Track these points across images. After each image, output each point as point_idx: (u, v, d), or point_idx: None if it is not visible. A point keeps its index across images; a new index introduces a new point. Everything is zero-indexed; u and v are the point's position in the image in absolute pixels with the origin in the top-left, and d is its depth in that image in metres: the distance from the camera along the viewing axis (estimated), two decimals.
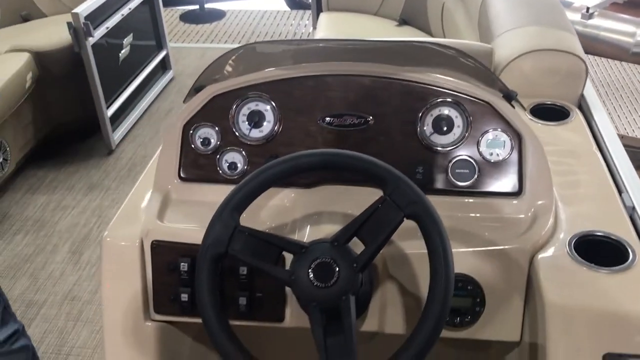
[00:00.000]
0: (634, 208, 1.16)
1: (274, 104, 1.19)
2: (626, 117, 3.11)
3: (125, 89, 3.22)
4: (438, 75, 1.17)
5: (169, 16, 4.83)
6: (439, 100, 1.16)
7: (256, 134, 1.20)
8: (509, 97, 1.19)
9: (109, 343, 1.19)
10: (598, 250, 1.06)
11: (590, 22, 3.92)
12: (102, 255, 1.16)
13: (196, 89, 1.26)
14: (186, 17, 4.83)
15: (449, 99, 1.16)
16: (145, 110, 3.44)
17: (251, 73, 1.21)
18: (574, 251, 1.05)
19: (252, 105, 1.20)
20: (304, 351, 1.30)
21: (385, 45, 1.24)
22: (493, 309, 1.07)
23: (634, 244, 1.06)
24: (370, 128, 1.17)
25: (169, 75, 3.73)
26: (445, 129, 1.16)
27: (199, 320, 1.15)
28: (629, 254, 1.04)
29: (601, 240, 1.07)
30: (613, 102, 3.27)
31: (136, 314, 1.17)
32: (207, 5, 4.96)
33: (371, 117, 1.17)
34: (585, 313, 0.96)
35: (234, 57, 1.28)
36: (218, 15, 4.87)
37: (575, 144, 1.35)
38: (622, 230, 1.09)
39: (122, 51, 3.15)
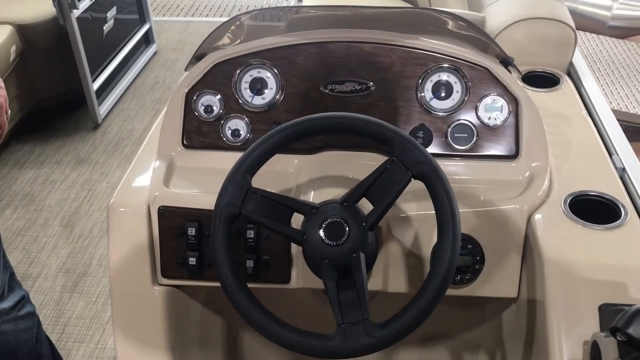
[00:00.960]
0: (624, 169, 1.21)
1: (276, 70, 1.21)
2: (603, 89, 3.18)
3: (109, 62, 3.20)
4: (437, 42, 1.20)
5: None
6: (438, 66, 1.19)
7: (259, 101, 1.22)
8: (506, 62, 1.22)
9: (116, 308, 1.21)
10: (591, 209, 1.11)
11: None
12: (108, 222, 1.18)
13: (197, 57, 1.28)
14: None
15: (448, 65, 1.19)
16: (130, 84, 3.42)
17: (252, 40, 1.22)
18: (569, 210, 1.09)
19: (255, 73, 1.22)
20: (308, 311, 1.34)
21: (385, 12, 1.26)
22: (492, 266, 1.11)
23: (625, 203, 1.11)
24: (372, 94, 1.20)
25: (152, 49, 3.70)
26: (444, 94, 1.19)
27: (207, 284, 1.18)
28: (621, 212, 1.09)
29: (594, 199, 1.12)
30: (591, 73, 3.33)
31: (144, 278, 1.19)
32: None
33: (372, 83, 1.19)
34: (582, 267, 1.00)
35: (234, 25, 1.29)
36: None
37: (566, 109, 1.40)
38: (614, 190, 1.14)
39: (106, 24, 3.11)
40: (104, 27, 3.10)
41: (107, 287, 2.20)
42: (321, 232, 0.94)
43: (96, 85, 3.02)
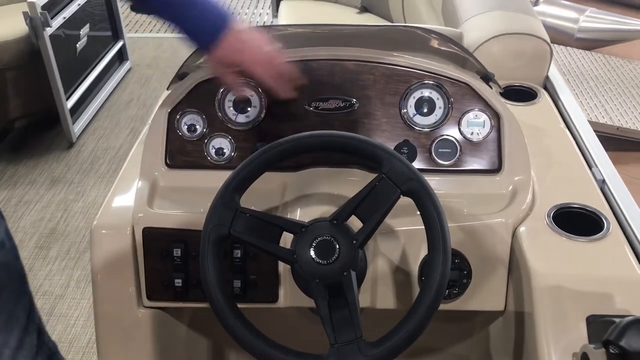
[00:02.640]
0: (604, 181, 1.23)
1: (259, 89, 1.21)
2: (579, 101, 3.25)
3: (83, 80, 3.16)
4: (419, 59, 1.21)
5: (119, 5, 4.73)
6: (420, 82, 1.20)
7: (242, 119, 1.22)
8: (487, 78, 1.24)
9: (101, 332, 1.19)
10: (574, 221, 1.12)
11: (536, 8, 4.05)
12: (91, 245, 1.16)
13: (179, 75, 1.27)
14: None
15: (430, 81, 1.20)
16: (105, 102, 3.38)
17: None
18: (553, 222, 1.11)
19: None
20: (296, 330, 1.33)
21: (366, 30, 1.27)
22: (479, 280, 1.12)
23: (606, 214, 1.13)
24: (356, 111, 1.20)
25: (126, 66, 3.67)
26: (427, 110, 1.20)
27: (193, 305, 1.17)
28: (603, 223, 1.11)
29: (577, 211, 1.14)
30: None
31: (128, 301, 1.17)
32: None
33: (356, 101, 1.20)
34: (568, 279, 1.02)
35: None
36: None
37: (545, 123, 1.42)
38: (595, 202, 1.16)
39: (79, 42, 3.08)
40: (77, 45, 3.07)
41: (85, 310, 2.16)
42: (311, 251, 0.94)
43: (70, 103, 2.98)
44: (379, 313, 1.15)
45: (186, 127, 1.22)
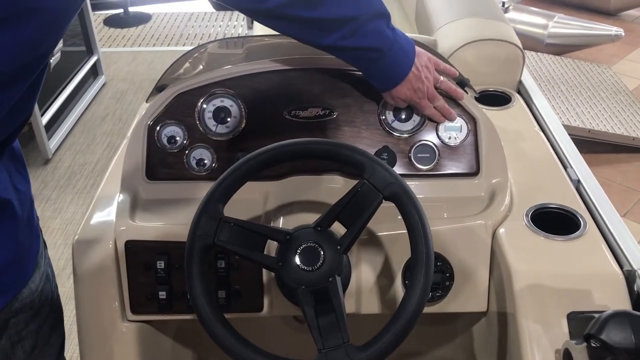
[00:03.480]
0: (579, 181, 1.26)
1: (239, 99, 1.22)
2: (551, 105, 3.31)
3: (58, 96, 3.14)
4: None
5: (95, 20, 4.71)
6: None
7: (223, 129, 1.22)
8: (462, 83, 1.27)
9: (85, 347, 1.19)
10: (552, 221, 1.15)
11: (506, 15, 4.13)
12: (73, 260, 1.15)
13: (158, 88, 1.27)
14: (111, 22, 4.72)
15: None
16: (80, 117, 3.36)
17: (214, 70, 1.23)
18: (531, 222, 1.13)
19: (217, 102, 1.22)
20: (281, 339, 1.33)
21: None
22: (461, 282, 1.14)
23: (582, 213, 1.16)
24: (335, 119, 1.22)
25: (101, 81, 3.65)
26: (405, 116, 1.22)
27: (178, 317, 1.17)
28: (580, 222, 1.13)
29: (554, 211, 1.17)
30: None
31: (112, 315, 1.17)
32: (132, 9, 4.86)
33: (335, 108, 1.22)
34: (547, 278, 1.04)
35: (195, 56, 1.29)
36: (143, 18, 4.78)
37: (519, 126, 1.45)
38: (571, 201, 1.19)
39: (53, 57, 3.06)
40: (51, 60, 3.04)
41: (66, 326, 2.13)
42: (296, 258, 0.95)
43: (45, 119, 2.95)
44: (365, 318, 1.15)
45: (166, 138, 1.22)
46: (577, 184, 1.26)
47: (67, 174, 2.94)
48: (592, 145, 3.12)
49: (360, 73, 1.21)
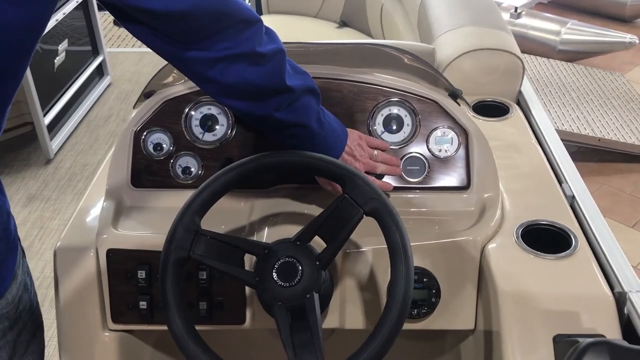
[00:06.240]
0: (573, 197, 1.23)
1: (226, 107, 1.20)
2: (555, 111, 3.26)
3: (62, 96, 3.13)
4: (387, 76, 1.21)
5: (102, 20, 4.71)
6: (387, 100, 1.20)
7: (209, 137, 1.21)
8: (454, 95, 1.24)
9: (65, 355, 1.17)
10: (543, 238, 1.12)
11: (518, 21, 4.09)
12: (55, 266, 1.14)
13: (146, 94, 1.26)
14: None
15: (397, 99, 1.19)
16: (84, 118, 3.36)
17: None
18: (521, 240, 1.10)
19: (205, 109, 1.20)
20: (264, 351, 1.31)
21: (335, 47, 1.27)
22: (448, 299, 1.11)
23: (575, 231, 1.12)
24: None
25: (106, 81, 3.65)
26: (395, 127, 1.20)
27: (158, 328, 1.15)
28: (571, 240, 1.10)
29: (545, 228, 1.13)
30: (543, 97, 3.42)
31: (93, 324, 1.15)
32: None
33: None
34: (535, 298, 1.01)
35: None
36: None
37: (516, 138, 1.42)
38: (564, 218, 1.15)
39: (58, 57, 3.06)
40: (55, 60, 3.04)
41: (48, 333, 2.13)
42: (274, 274, 0.92)
43: (47, 119, 2.95)
44: (348, 333, 1.13)
45: (152, 146, 1.21)
46: (572, 200, 1.22)
47: (68, 175, 2.94)
48: (601, 154, 3.07)
49: (350, 83, 1.19)
